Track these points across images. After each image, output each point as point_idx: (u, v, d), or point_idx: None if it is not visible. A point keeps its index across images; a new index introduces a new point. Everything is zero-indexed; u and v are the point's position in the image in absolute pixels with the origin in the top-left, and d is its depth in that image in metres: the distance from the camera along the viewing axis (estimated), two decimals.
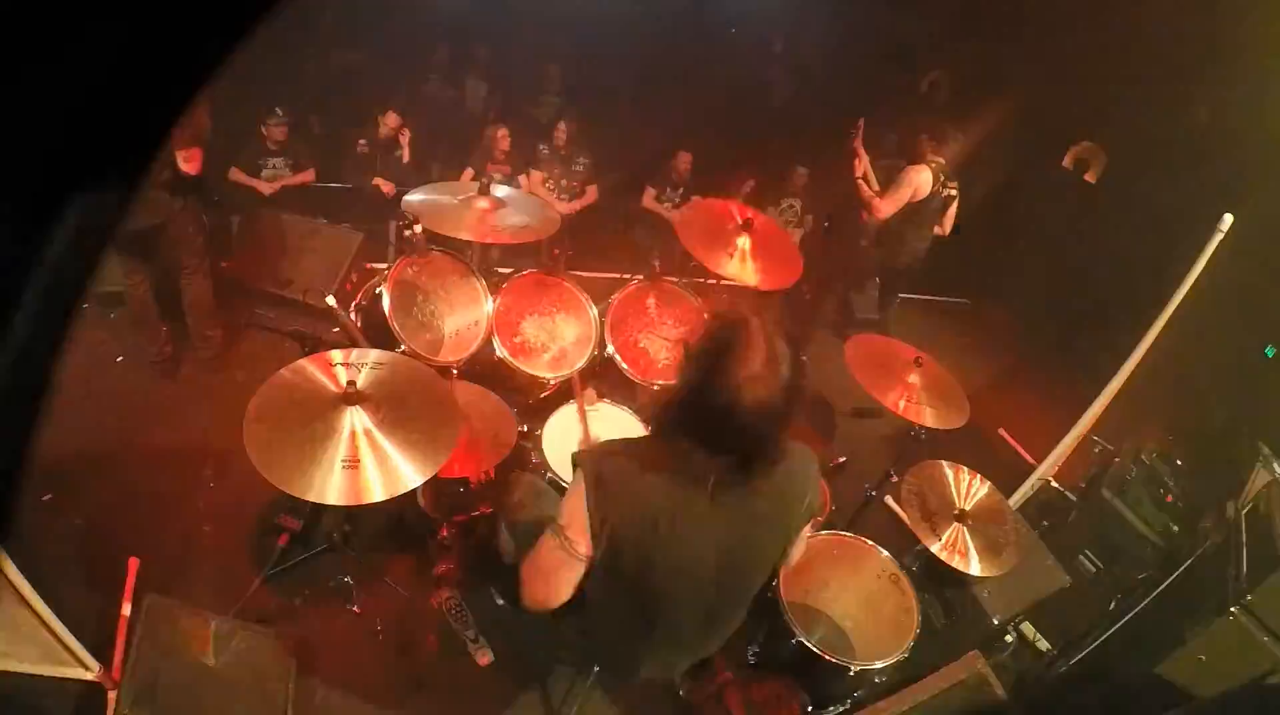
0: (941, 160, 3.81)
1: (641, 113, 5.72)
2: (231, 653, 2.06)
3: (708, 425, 1.27)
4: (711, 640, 1.63)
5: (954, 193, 3.92)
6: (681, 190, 5.25)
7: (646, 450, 1.39)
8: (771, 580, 2.10)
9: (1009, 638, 2.79)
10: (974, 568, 2.34)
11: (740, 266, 2.90)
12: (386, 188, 4.58)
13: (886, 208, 3.79)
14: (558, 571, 1.39)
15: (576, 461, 1.39)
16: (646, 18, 5.39)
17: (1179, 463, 3.32)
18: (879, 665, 2.14)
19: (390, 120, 4.62)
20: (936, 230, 4.03)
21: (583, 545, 1.35)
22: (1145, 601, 2.45)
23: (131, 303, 3.24)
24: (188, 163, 2.97)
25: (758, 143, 5.62)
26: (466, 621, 2.50)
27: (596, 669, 1.84)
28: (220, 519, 2.75)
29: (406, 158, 4.73)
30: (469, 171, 4.69)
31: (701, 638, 1.60)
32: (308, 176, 4.58)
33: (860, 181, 3.90)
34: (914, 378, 2.62)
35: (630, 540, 1.34)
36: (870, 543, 2.42)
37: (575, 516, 1.34)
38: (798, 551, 1.61)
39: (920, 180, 3.77)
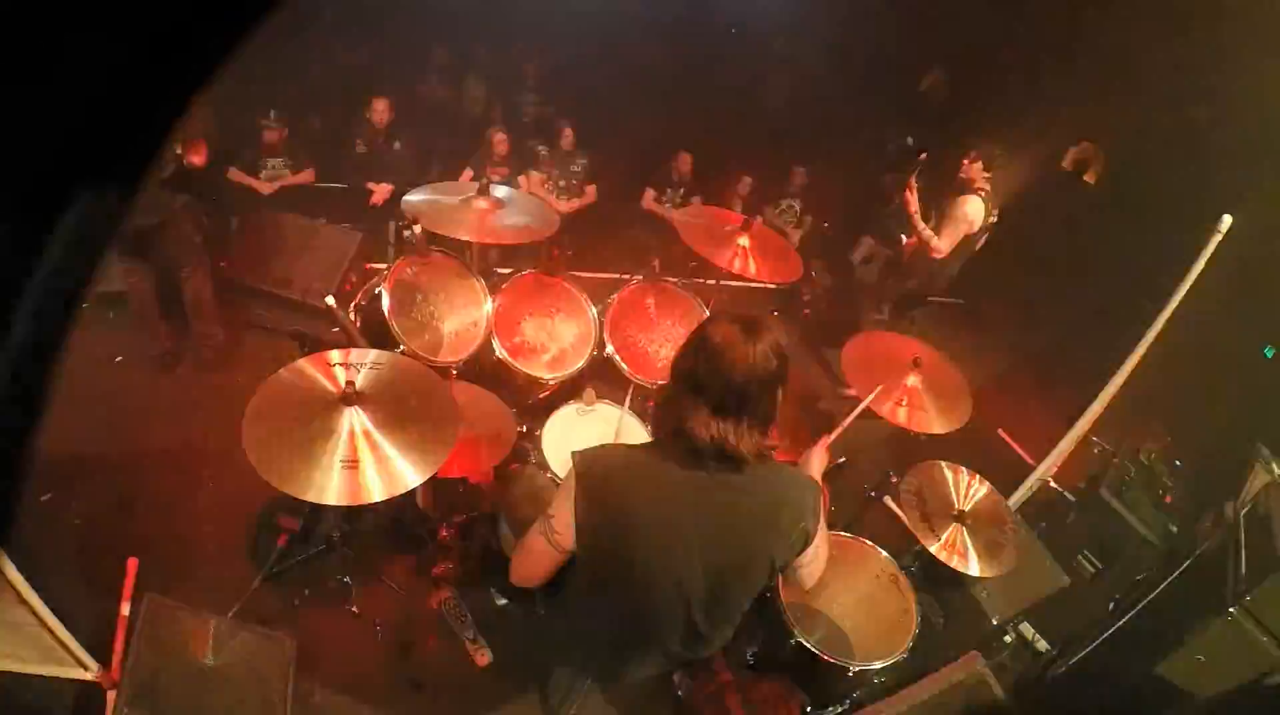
0: (988, 187, 3.56)
1: (641, 113, 5.72)
2: (231, 653, 2.06)
3: (699, 381, 1.34)
4: (699, 648, 1.62)
5: (995, 218, 3.69)
6: (682, 191, 5.26)
7: (641, 459, 1.43)
8: (766, 591, 2.10)
9: (1008, 638, 2.79)
10: (973, 568, 2.34)
11: (741, 264, 2.92)
12: (378, 195, 4.58)
13: (945, 246, 3.56)
14: (539, 556, 1.47)
15: (572, 459, 1.42)
16: (647, 18, 5.39)
17: (1178, 463, 3.33)
18: (878, 665, 2.13)
19: (378, 105, 4.60)
20: None
21: (565, 539, 1.41)
22: (1144, 602, 2.45)
23: (132, 300, 3.25)
24: (194, 154, 2.96)
25: (757, 143, 5.62)
26: (466, 622, 2.50)
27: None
28: (220, 519, 2.74)
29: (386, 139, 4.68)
30: (468, 172, 4.69)
31: (688, 646, 1.59)
32: (307, 176, 4.58)
33: (915, 218, 3.65)
34: (913, 380, 2.62)
35: (608, 545, 1.39)
36: (870, 543, 2.41)
37: (561, 510, 1.40)
38: (811, 574, 1.60)
39: (973, 212, 3.51)
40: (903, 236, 3.86)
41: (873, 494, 2.86)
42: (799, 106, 6.03)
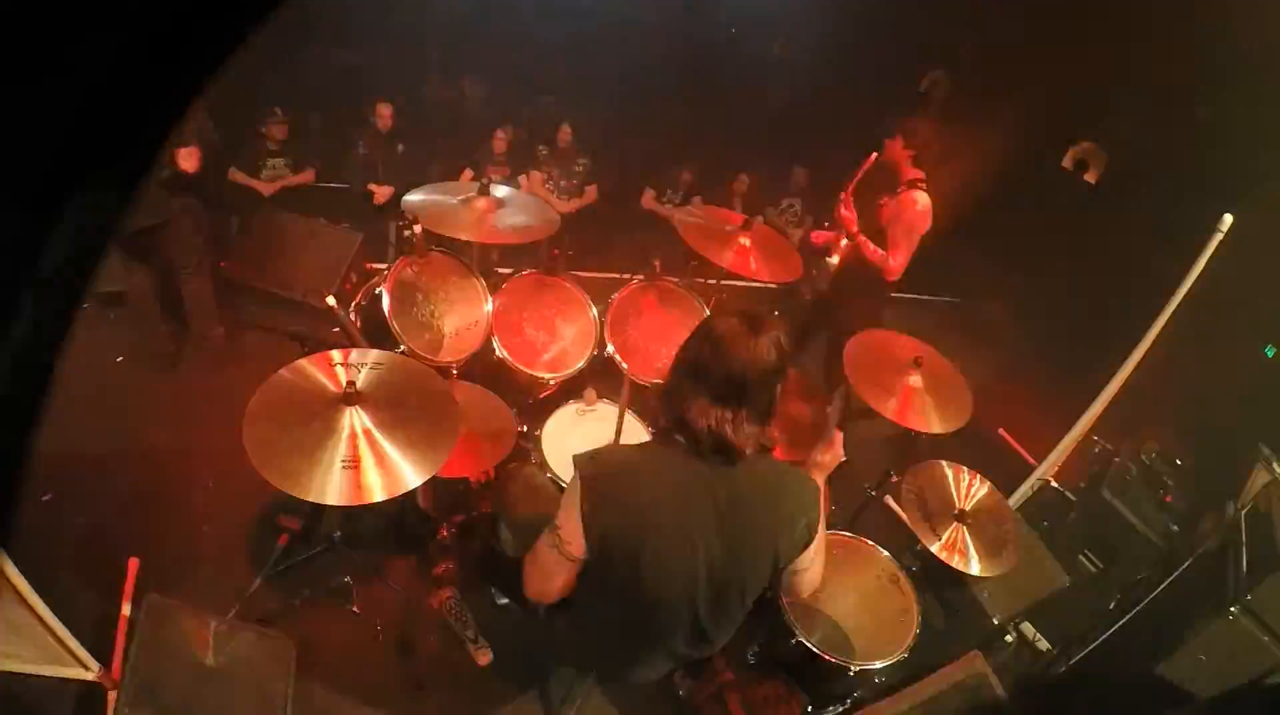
0: (922, 173, 3.00)
1: (641, 113, 5.72)
2: (231, 653, 2.06)
3: (700, 371, 1.36)
4: (702, 647, 1.62)
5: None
6: (682, 191, 5.26)
7: (643, 457, 1.44)
8: (767, 591, 2.10)
9: (1009, 638, 2.79)
10: (974, 568, 2.34)
11: (741, 264, 2.92)
12: (380, 196, 4.57)
13: (900, 263, 2.97)
14: (552, 569, 1.46)
15: (574, 463, 1.42)
16: (647, 18, 5.39)
17: (1179, 463, 3.32)
18: (879, 665, 2.13)
19: (383, 111, 4.61)
20: None
21: (575, 547, 1.40)
22: (1145, 601, 2.45)
23: (132, 300, 3.26)
24: (186, 160, 2.98)
25: (757, 143, 5.62)
26: (466, 621, 2.50)
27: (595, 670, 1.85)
28: (220, 519, 2.75)
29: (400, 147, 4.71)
30: (468, 172, 4.69)
31: (692, 645, 1.60)
32: (307, 176, 4.58)
33: (861, 238, 3.02)
34: (914, 380, 2.61)
35: (619, 544, 1.38)
36: (870, 543, 2.41)
37: (569, 518, 1.39)
38: (810, 580, 1.60)
39: (925, 212, 2.93)
40: (829, 260, 3.11)
41: (873, 494, 2.86)
42: (799, 106, 6.03)
